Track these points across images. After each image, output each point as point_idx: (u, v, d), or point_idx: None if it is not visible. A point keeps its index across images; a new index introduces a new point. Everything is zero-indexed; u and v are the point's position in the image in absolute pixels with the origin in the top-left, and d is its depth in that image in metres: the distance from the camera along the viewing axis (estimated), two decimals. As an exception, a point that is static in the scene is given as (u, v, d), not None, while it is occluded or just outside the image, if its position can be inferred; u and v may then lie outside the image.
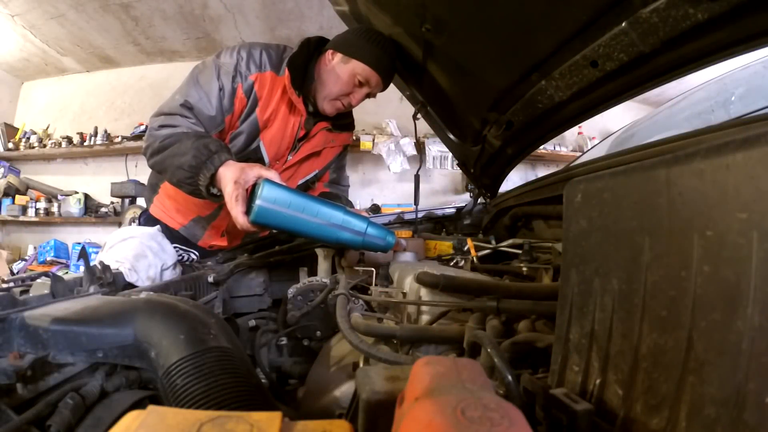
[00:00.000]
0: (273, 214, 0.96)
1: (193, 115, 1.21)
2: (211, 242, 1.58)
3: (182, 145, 1.09)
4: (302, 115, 1.36)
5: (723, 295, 0.24)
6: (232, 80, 1.25)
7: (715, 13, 0.60)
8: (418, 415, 0.26)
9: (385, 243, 1.03)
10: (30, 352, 0.56)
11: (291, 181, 1.50)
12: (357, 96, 1.34)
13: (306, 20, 3.44)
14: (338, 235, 1.00)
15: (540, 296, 0.62)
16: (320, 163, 1.53)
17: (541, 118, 1.06)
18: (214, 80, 1.24)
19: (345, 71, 1.29)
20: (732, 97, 1.44)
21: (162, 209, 1.55)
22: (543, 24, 0.85)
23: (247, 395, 0.52)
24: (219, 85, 1.24)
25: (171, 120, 1.18)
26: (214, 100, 1.23)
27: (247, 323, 1.12)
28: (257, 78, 1.28)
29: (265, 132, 1.35)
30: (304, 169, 1.51)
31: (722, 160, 0.25)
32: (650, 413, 0.28)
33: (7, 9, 3.28)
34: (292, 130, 1.38)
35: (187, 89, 1.23)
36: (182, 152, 1.07)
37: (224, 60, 1.26)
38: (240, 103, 1.28)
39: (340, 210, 1.00)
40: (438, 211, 1.75)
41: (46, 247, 3.92)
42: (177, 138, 1.13)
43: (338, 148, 1.58)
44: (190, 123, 1.20)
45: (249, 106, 1.29)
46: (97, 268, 0.86)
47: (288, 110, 1.35)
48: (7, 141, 4.10)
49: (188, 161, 1.05)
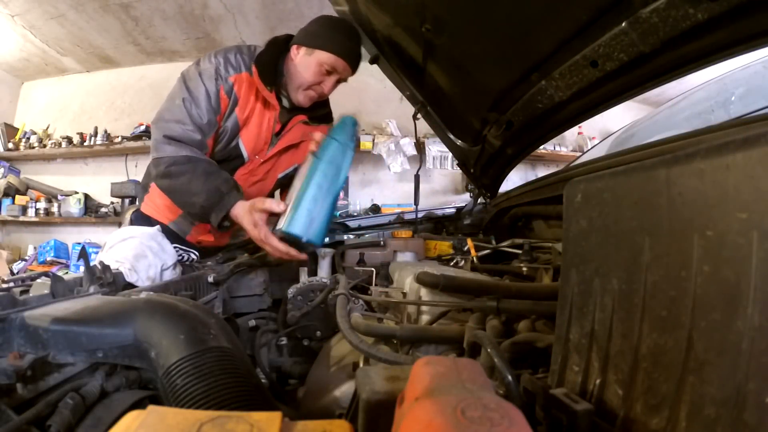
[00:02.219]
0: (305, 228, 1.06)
1: (190, 122, 1.27)
2: (199, 237, 1.59)
3: (193, 185, 1.18)
4: (276, 109, 1.40)
5: (723, 295, 0.24)
6: (215, 82, 1.31)
7: (715, 13, 0.60)
8: (418, 415, 0.26)
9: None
10: (30, 352, 0.56)
11: (270, 174, 1.53)
12: (328, 84, 1.36)
13: (306, 20, 3.42)
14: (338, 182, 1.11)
15: (540, 296, 0.62)
16: (300, 156, 1.52)
17: (541, 118, 1.06)
18: (200, 85, 1.30)
19: (311, 62, 1.33)
20: (732, 97, 1.44)
21: (153, 207, 1.57)
22: (543, 24, 0.85)
23: (247, 395, 0.52)
24: (205, 89, 1.30)
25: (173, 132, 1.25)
26: (203, 105, 1.29)
27: (247, 323, 1.12)
28: (236, 79, 1.33)
29: (243, 130, 1.40)
30: (284, 162, 1.54)
31: (722, 160, 0.25)
32: (650, 413, 0.28)
33: (7, 9, 3.28)
34: (267, 125, 1.42)
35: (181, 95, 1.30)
36: (193, 192, 1.18)
37: (204, 66, 1.33)
38: (223, 103, 1.33)
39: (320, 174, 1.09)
40: (438, 211, 1.75)
41: (46, 247, 3.92)
42: (183, 170, 1.20)
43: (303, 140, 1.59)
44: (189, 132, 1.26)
45: (230, 105, 1.34)
46: (97, 268, 0.86)
47: (263, 106, 1.39)
48: (7, 141, 4.09)
49: (200, 202, 1.16)
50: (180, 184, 1.20)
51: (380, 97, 3.79)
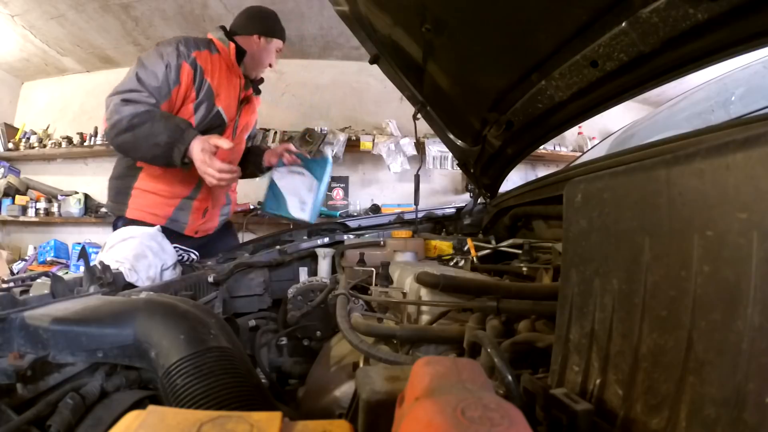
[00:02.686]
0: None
1: (144, 89, 1.44)
2: (196, 227, 1.71)
3: (154, 127, 1.36)
4: (242, 80, 1.71)
5: (723, 295, 0.24)
6: (177, 58, 1.50)
7: (715, 13, 0.59)
8: (418, 415, 0.26)
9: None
10: (30, 352, 0.56)
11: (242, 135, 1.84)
12: (274, 60, 1.77)
13: (306, 20, 3.44)
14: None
15: (540, 296, 0.62)
16: (252, 121, 1.92)
17: (541, 118, 1.06)
18: (158, 61, 1.48)
19: (271, 48, 1.73)
20: (732, 97, 1.44)
21: (141, 209, 1.61)
22: (543, 24, 0.85)
23: (247, 395, 0.52)
24: (165, 63, 1.48)
25: (129, 95, 1.42)
26: (160, 75, 1.47)
27: (247, 323, 1.12)
28: (197, 55, 1.55)
29: (218, 99, 1.62)
30: (248, 126, 1.87)
31: (722, 160, 0.25)
32: (650, 413, 0.28)
33: (7, 9, 3.28)
34: (234, 94, 1.70)
35: (135, 70, 1.47)
36: (156, 132, 1.36)
37: (164, 48, 1.52)
38: (187, 76, 1.52)
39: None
40: (438, 211, 1.75)
41: (46, 247, 3.92)
42: (145, 118, 1.37)
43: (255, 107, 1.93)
44: (144, 96, 1.42)
45: (198, 77, 1.55)
46: (97, 268, 0.86)
47: (229, 79, 1.66)
48: (7, 141, 4.09)
49: (164, 140, 1.35)
50: (143, 131, 1.37)
51: (380, 97, 3.79)
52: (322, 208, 3.76)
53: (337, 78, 3.85)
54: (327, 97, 3.91)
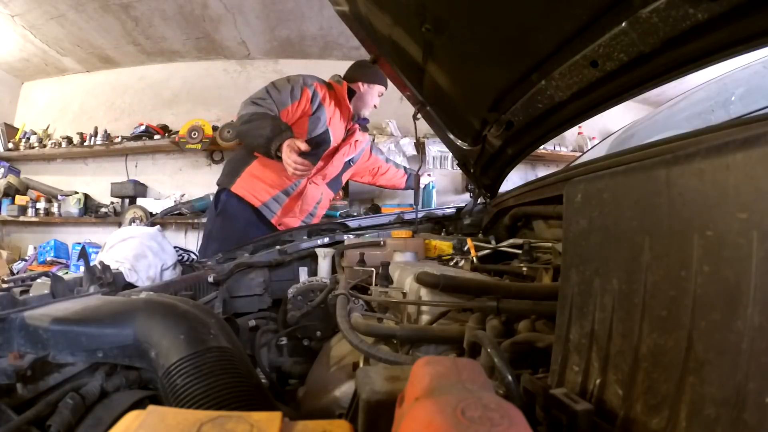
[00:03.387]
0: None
1: (269, 97, 1.95)
2: (282, 219, 2.12)
3: (263, 122, 1.85)
4: (350, 114, 2.18)
5: (723, 295, 0.24)
6: (301, 82, 2.03)
7: (715, 13, 0.59)
8: (418, 415, 0.26)
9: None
10: (30, 352, 0.56)
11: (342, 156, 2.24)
12: (377, 102, 2.29)
13: (306, 20, 3.44)
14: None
15: (540, 296, 0.62)
16: (354, 151, 2.32)
17: (541, 118, 1.06)
18: (286, 83, 2.02)
19: (374, 93, 2.23)
20: (732, 97, 1.44)
21: (246, 188, 2.06)
22: (543, 24, 0.85)
23: (247, 395, 0.52)
24: (291, 84, 2.01)
25: (257, 100, 1.93)
26: (284, 91, 1.98)
27: (247, 323, 1.12)
28: (317, 85, 2.07)
29: (329, 122, 2.08)
30: (349, 151, 2.27)
31: (722, 160, 0.25)
32: (650, 413, 0.28)
33: (7, 9, 3.28)
34: (343, 122, 2.17)
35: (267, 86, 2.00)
36: (263, 126, 1.84)
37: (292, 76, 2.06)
38: (306, 97, 2.01)
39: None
40: (438, 211, 1.75)
41: (46, 247, 3.91)
42: (260, 116, 1.88)
43: (364, 143, 2.41)
44: (267, 103, 1.92)
45: (315, 100, 2.03)
46: (97, 268, 0.86)
47: (341, 110, 2.15)
48: (7, 141, 4.09)
49: (267, 134, 1.82)
50: (255, 125, 1.86)
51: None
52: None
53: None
54: (327, 97, 3.90)
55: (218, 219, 2.07)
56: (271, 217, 2.09)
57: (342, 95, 2.11)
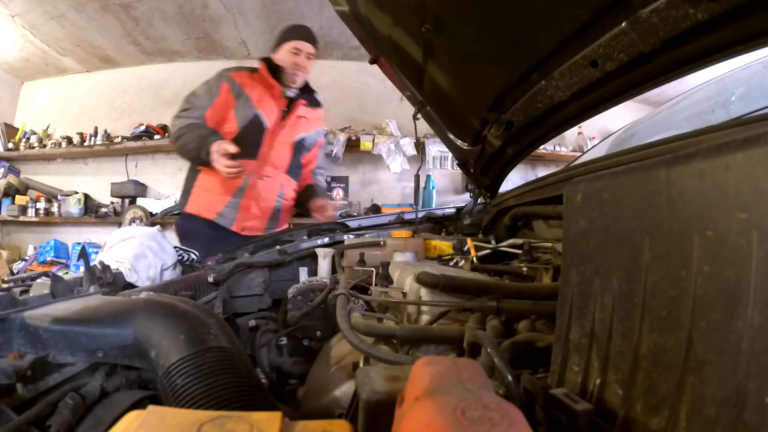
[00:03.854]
0: None
1: (192, 106, 1.92)
2: (244, 224, 1.97)
3: (190, 135, 1.84)
4: (278, 90, 1.98)
5: (723, 295, 0.24)
6: (218, 77, 1.96)
7: (715, 13, 0.59)
8: (418, 415, 0.26)
9: None
10: (30, 352, 0.56)
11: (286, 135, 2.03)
12: (300, 61, 2.00)
13: (306, 20, 3.44)
14: None
15: (540, 296, 0.62)
16: (304, 128, 2.10)
17: (541, 118, 1.06)
18: (204, 85, 1.97)
19: (285, 51, 1.99)
20: (732, 97, 1.44)
21: (199, 204, 1.99)
22: (543, 24, 0.85)
23: (247, 395, 0.52)
24: (208, 86, 1.95)
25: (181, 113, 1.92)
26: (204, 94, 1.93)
27: (247, 323, 1.12)
28: (234, 74, 1.96)
29: (257, 103, 1.95)
30: (295, 129, 2.06)
31: (722, 160, 0.25)
32: (650, 413, 0.28)
33: (7, 9, 3.28)
34: (276, 102, 2.00)
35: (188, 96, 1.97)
36: (191, 140, 1.83)
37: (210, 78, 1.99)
38: (224, 89, 1.92)
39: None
40: (438, 211, 1.75)
41: (46, 247, 3.92)
42: (186, 129, 1.87)
43: (316, 121, 2.17)
44: (190, 113, 1.90)
45: (234, 89, 1.92)
46: (97, 268, 0.86)
47: (268, 91, 1.98)
48: (7, 141, 4.09)
49: (195, 145, 1.81)
50: (183, 140, 1.86)
51: (380, 97, 3.79)
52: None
53: (337, 78, 3.85)
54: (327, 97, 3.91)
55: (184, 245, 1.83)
56: (230, 225, 1.96)
57: (264, 73, 1.98)
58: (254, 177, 1.95)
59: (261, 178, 1.97)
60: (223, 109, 1.93)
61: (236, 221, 1.96)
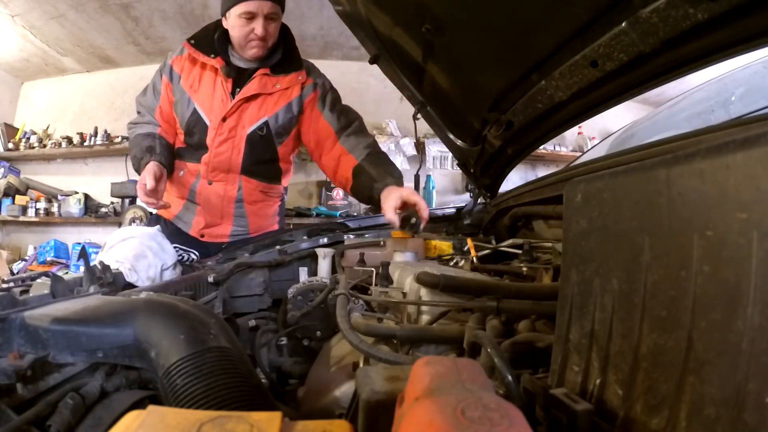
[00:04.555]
0: None
1: (142, 108, 1.67)
2: (201, 230, 1.68)
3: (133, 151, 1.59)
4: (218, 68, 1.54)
5: (723, 295, 0.24)
6: (159, 74, 1.64)
7: (715, 13, 0.59)
8: (418, 415, 0.26)
9: None
10: (30, 352, 0.56)
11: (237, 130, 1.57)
12: (257, 27, 1.46)
13: (306, 20, 3.44)
14: None
15: (540, 296, 0.62)
16: (268, 109, 1.58)
17: (541, 118, 1.06)
18: (149, 82, 1.68)
19: (233, 19, 1.48)
20: (732, 97, 1.44)
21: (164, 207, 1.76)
22: (543, 24, 0.85)
23: (247, 395, 0.52)
24: (152, 82, 1.66)
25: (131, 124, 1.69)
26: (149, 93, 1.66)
27: (247, 323, 1.12)
28: (175, 60, 1.61)
29: (195, 95, 1.58)
30: (249, 117, 1.57)
31: (722, 160, 0.25)
32: (650, 413, 0.28)
33: (7, 9, 3.28)
34: (220, 85, 1.56)
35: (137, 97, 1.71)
36: (133, 157, 1.59)
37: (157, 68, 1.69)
38: (164, 84, 1.62)
39: None
40: (438, 211, 1.75)
41: (46, 248, 3.92)
42: (131, 145, 1.65)
43: (291, 90, 1.60)
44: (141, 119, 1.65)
45: (173, 81, 1.61)
46: (97, 268, 0.86)
47: (209, 71, 1.57)
48: (7, 141, 4.09)
49: (138, 157, 1.53)
50: (132, 152, 1.60)
51: (380, 97, 3.79)
52: (321, 208, 3.77)
53: (337, 78, 3.81)
54: (327, 97, 3.91)
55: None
56: (188, 230, 1.67)
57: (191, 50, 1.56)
58: (202, 181, 1.61)
59: (209, 182, 1.61)
60: (169, 107, 1.61)
61: (193, 225, 1.68)
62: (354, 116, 1.66)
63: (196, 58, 1.56)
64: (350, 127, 1.60)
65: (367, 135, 1.64)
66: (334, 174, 1.61)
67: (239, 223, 1.69)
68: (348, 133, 1.59)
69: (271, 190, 1.72)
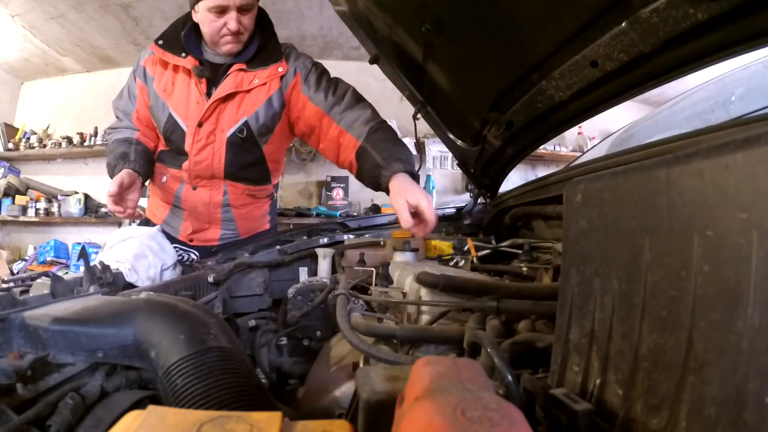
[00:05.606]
0: None
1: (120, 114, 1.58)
2: (189, 235, 1.63)
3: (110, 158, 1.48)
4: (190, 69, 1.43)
5: (723, 295, 0.24)
6: (133, 76, 1.54)
7: (715, 13, 0.60)
8: (418, 415, 0.26)
9: None
10: (30, 352, 0.56)
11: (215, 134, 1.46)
12: (230, 22, 1.33)
13: (306, 20, 3.44)
14: None
15: (540, 296, 0.62)
16: (247, 109, 1.45)
17: (541, 118, 1.06)
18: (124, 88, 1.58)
19: (202, 13, 1.35)
20: (732, 97, 1.44)
21: (151, 210, 1.74)
22: (543, 24, 0.85)
23: (247, 395, 0.52)
24: (127, 86, 1.56)
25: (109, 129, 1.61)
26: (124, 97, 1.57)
27: (247, 323, 1.12)
28: (146, 61, 1.50)
29: (169, 99, 1.47)
30: (227, 119, 1.45)
31: (722, 160, 0.25)
32: (650, 413, 0.28)
33: (7, 9, 3.28)
34: (194, 87, 1.44)
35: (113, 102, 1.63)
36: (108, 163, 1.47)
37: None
38: (139, 87, 1.52)
39: None
40: (438, 211, 1.75)
41: (46, 248, 3.92)
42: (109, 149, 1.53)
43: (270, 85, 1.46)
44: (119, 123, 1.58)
45: (147, 83, 1.50)
46: (97, 268, 0.86)
47: (182, 72, 1.46)
48: (7, 141, 4.09)
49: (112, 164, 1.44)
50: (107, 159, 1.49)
51: (380, 97, 3.77)
52: (321, 208, 3.77)
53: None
54: (327, 97, 3.91)
55: None
56: (176, 234, 1.61)
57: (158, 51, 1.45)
58: (186, 187, 1.54)
59: (194, 188, 1.53)
60: (147, 111, 1.51)
61: (181, 231, 1.62)
62: (345, 87, 1.51)
63: (167, 61, 1.44)
64: (343, 101, 1.45)
65: (364, 106, 1.47)
66: (336, 159, 1.46)
67: (228, 227, 1.62)
68: (342, 109, 1.43)
69: (259, 192, 1.64)
